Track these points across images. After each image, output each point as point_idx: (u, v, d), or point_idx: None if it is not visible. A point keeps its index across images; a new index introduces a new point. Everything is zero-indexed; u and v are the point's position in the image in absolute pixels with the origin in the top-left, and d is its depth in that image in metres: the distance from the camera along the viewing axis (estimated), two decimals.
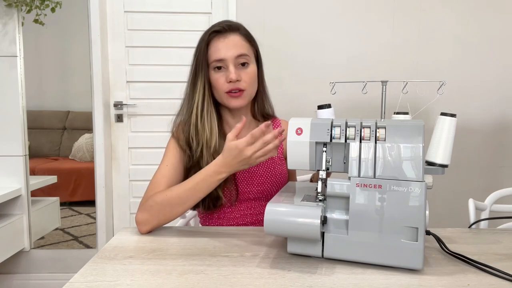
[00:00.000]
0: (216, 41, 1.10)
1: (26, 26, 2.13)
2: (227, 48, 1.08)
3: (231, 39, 1.10)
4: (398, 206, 0.76)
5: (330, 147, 0.84)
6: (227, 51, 1.08)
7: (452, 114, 0.87)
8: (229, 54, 1.08)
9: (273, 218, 0.78)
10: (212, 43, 1.10)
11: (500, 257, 0.85)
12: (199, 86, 1.11)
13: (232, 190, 1.12)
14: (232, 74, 1.07)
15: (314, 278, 0.74)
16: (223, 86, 1.09)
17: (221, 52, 1.08)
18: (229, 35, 1.10)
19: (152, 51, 2.26)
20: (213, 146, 1.08)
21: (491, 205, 1.34)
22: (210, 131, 1.10)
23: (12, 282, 2.26)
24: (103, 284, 0.72)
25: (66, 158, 2.75)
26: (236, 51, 1.09)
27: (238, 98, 1.10)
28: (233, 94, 1.10)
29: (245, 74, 1.10)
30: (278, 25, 2.18)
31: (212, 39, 1.10)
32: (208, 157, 1.07)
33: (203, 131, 1.09)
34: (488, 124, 2.24)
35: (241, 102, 1.11)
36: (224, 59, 1.08)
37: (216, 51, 1.09)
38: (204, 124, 1.10)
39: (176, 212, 1.00)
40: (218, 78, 1.10)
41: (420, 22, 2.19)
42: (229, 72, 1.08)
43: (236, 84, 1.09)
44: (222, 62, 1.09)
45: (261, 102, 1.21)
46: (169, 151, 1.13)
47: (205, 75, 1.10)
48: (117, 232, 1.40)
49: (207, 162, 1.05)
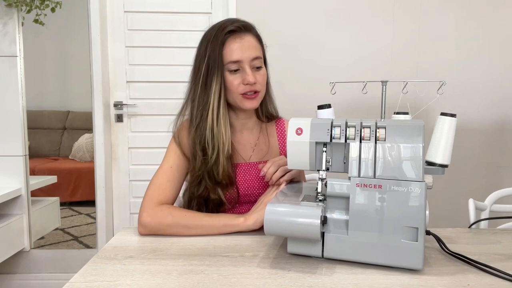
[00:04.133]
0: (231, 42, 1.06)
1: (26, 26, 2.13)
2: (243, 49, 1.06)
3: (247, 40, 1.07)
4: (398, 206, 0.76)
5: (330, 147, 0.84)
6: (244, 53, 1.05)
7: (452, 114, 0.87)
8: (246, 56, 1.05)
9: (273, 218, 0.78)
10: (228, 44, 1.06)
11: (500, 257, 0.85)
12: (214, 88, 1.06)
13: (233, 193, 1.12)
14: (251, 77, 1.05)
15: (314, 278, 0.74)
16: (239, 88, 1.07)
17: (237, 53, 1.05)
18: (244, 35, 1.07)
19: (152, 51, 2.26)
20: (226, 150, 1.07)
21: (491, 205, 1.34)
22: (225, 135, 1.07)
23: (12, 282, 2.26)
24: (103, 284, 0.72)
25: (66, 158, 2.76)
26: (252, 53, 1.06)
27: (253, 100, 1.09)
28: (248, 96, 1.08)
29: (259, 76, 1.08)
30: (278, 25, 2.18)
31: (227, 39, 1.06)
32: (225, 162, 1.06)
33: (219, 135, 1.07)
34: (488, 124, 2.24)
35: (255, 103, 1.10)
36: (241, 60, 1.05)
37: (232, 52, 1.05)
38: (220, 128, 1.07)
39: (183, 234, 0.99)
40: (233, 80, 1.07)
41: (420, 22, 2.19)
42: (247, 74, 1.05)
43: (253, 86, 1.07)
44: (237, 64, 1.06)
45: (265, 103, 1.20)
46: (171, 153, 1.11)
47: (221, 76, 1.06)
48: (117, 232, 1.40)
49: (223, 166, 1.05)
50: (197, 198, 1.11)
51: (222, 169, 1.06)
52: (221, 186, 1.08)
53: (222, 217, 1.00)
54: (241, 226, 0.98)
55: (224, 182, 1.08)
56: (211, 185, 1.08)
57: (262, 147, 1.20)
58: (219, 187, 1.08)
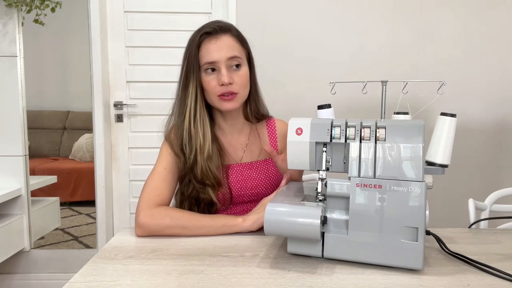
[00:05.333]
0: (207, 43, 1.06)
1: (26, 26, 2.13)
2: (219, 50, 1.06)
3: (223, 40, 1.07)
4: (398, 206, 0.76)
5: (330, 147, 0.84)
6: (219, 53, 1.05)
7: (452, 114, 0.87)
8: (221, 56, 1.05)
9: (273, 218, 0.78)
10: (204, 45, 1.07)
11: (500, 257, 0.85)
12: (191, 90, 1.08)
13: (226, 194, 1.11)
14: (225, 77, 1.05)
15: (314, 278, 0.74)
16: (215, 89, 1.07)
17: (213, 54, 1.05)
18: (220, 36, 1.07)
19: (152, 51, 2.26)
20: (206, 152, 1.06)
21: (491, 205, 1.34)
22: (203, 136, 1.07)
23: (12, 282, 2.26)
24: (103, 284, 0.72)
25: (66, 158, 2.76)
26: (228, 53, 1.06)
27: (230, 101, 1.08)
28: (225, 97, 1.07)
29: (237, 77, 1.07)
30: (278, 25, 2.18)
31: (203, 40, 1.07)
32: (203, 162, 1.06)
33: (196, 136, 1.07)
34: (488, 124, 2.24)
35: (233, 105, 1.09)
36: (216, 61, 1.05)
37: (208, 53, 1.06)
38: (197, 129, 1.07)
39: (181, 235, 0.98)
40: (209, 81, 1.07)
41: (420, 22, 2.19)
42: (222, 75, 1.05)
43: (229, 87, 1.06)
44: (214, 65, 1.06)
45: (253, 103, 1.18)
46: (164, 154, 1.11)
47: (197, 78, 1.07)
48: (117, 232, 1.40)
49: (202, 168, 1.05)
50: (187, 198, 1.11)
51: (200, 170, 1.05)
52: (209, 186, 1.08)
53: (220, 217, 1.00)
54: (239, 227, 0.98)
55: (208, 183, 1.07)
56: (198, 185, 1.07)
57: (253, 148, 1.19)
58: (208, 188, 1.08)
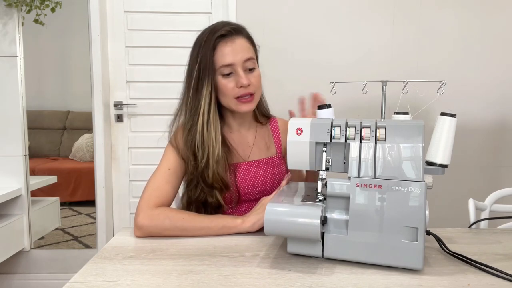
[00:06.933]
0: (223, 46, 1.06)
1: (26, 26, 2.13)
2: (235, 52, 1.06)
3: (238, 43, 1.07)
4: (398, 206, 0.76)
5: (330, 147, 0.84)
6: (236, 56, 1.05)
7: (452, 114, 0.87)
8: (237, 59, 1.05)
9: (273, 218, 0.78)
10: (219, 48, 1.06)
11: (500, 257, 0.85)
12: (205, 93, 1.06)
13: (233, 193, 1.12)
14: (244, 79, 1.05)
15: (314, 278, 0.74)
16: (233, 91, 1.07)
17: (229, 57, 1.05)
18: (235, 39, 1.07)
19: (152, 51, 2.26)
20: (216, 154, 1.07)
21: (491, 205, 1.34)
22: (215, 138, 1.07)
23: (12, 282, 2.26)
24: (103, 284, 0.72)
25: (66, 158, 2.76)
26: (244, 55, 1.06)
27: (249, 103, 1.09)
28: (244, 99, 1.08)
29: (253, 78, 1.08)
30: (278, 25, 2.18)
31: (218, 43, 1.06)
32: (214, 166, 1.06)
33: (209, 139, 1.07)
34: (488, 124, 2.24)
35: (251, 106, 1.10)
36: (233, 64, 1.05)
37: (224, 56, 1.05)
38: (210, 132, 1.07)
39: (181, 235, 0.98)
40: (226, 84, 1.07)
41: (420, 22, 2.19)
42: (240, 77, 1.05)
43: (247, 89, 1.07)
44: (231, 67, 1.06)
45: (261, 103, 1.21)
46: (169, 155, 1.11)
47: (212, 81, 1.06)
48: (117, 232, 1.40)
49: (213, 172, 1.05)
50: (195, 201, 1.11)
51: (212, 173, 1.05)
52: (217, 190, 1.08)
53: (220, 219, 1.00)
54: (238, 228, 0.98)
55: (217, 186, 1.07)
56: (207, 189, 1.07)
57: (260, 146, 1.20)
58: (215, 190, 1.08)
